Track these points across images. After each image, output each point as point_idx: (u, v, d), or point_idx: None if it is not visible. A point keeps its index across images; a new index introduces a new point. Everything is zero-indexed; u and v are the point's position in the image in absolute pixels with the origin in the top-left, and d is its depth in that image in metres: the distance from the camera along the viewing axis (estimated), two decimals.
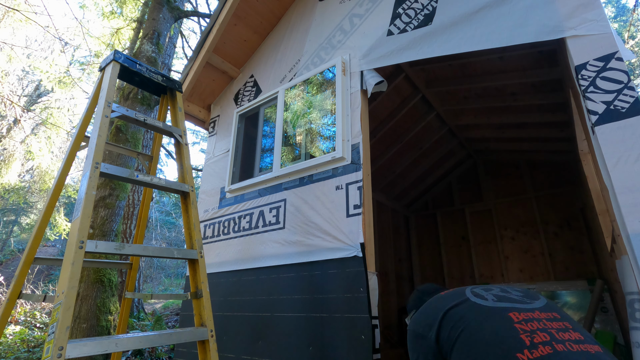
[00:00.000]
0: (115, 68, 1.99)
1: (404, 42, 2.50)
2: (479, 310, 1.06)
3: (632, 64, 12.88)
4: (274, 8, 3.60)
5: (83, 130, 2.00)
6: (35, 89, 13.44)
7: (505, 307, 1.05)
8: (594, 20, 1.78)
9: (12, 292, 1.73)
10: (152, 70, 2.17)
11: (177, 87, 2.29)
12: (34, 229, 1.87)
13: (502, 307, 1.06)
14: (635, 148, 1.52)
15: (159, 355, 4.65)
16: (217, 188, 3.46)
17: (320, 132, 2.96)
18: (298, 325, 2.26)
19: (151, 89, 2.28)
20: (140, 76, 2.13)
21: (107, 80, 1.93)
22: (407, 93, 4.20)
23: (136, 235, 2.32)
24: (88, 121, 2.03)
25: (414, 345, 1.20)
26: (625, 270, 1.61)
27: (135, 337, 1.45)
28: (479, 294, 1.15)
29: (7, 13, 8.05)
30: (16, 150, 9.86)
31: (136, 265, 2.32)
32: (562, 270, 4.79)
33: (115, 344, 1.38)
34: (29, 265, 1.80)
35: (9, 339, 5.21)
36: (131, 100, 5.10)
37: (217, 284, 2.96)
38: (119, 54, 2.05)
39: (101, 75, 2.05)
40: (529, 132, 4.60)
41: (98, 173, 1.65)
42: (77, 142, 1.98)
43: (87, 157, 1.73)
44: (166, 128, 2.08)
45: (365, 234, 2.17)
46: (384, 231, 5.57)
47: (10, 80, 10.45)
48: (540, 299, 1.12)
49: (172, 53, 8.50)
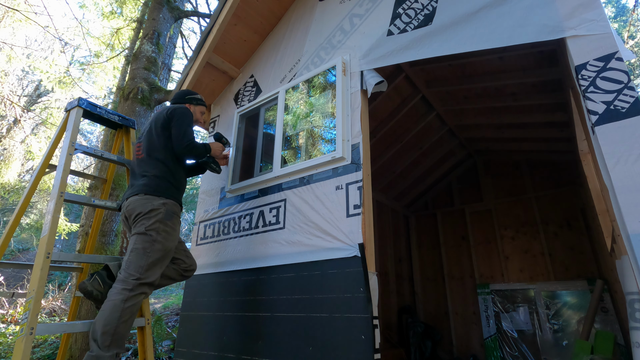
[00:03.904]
0: (79, 112, 2.51)
1: (404, 42, 2.50)
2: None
3: (632, 64, 12.88)
4: (274, 8, 3.60)
5: (48, 159, 2.46)
6: (35, 89, 13.44)
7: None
8: (594, 20, 1.78)
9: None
10: (110, 112, 2.77)
11: (131, 125, 2.90)
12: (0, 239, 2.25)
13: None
14: (635, 148, 1.52)
15: (159, 355, 4.65)
16: (217, 188, 3.46)
17: (320, 133, 2.96)
18: (298, 325, 2.26)
19: (110, 125, 2.86)
20: (100, 116, 2.69)
21: (71, 122, 2.43)
22: (407, 93, 4.20)
23: (87, 246, 2.76)
24: (53, 152, 2.51)
25: None
26: (625, 270, 1.61)
27: (87, 322, 2.03)
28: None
29: (7, 13, 8.04)
30: (16, 150, 9.86)
31: (86, 270, 2.69)
32: (562, 270, 4.79)
33: (72, 326, 2.05)
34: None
35: (9, 339, 5.21)
36: (131, 100, 5.09)
37: (217, 284, 2.96)
38: (82, 100, 2.56)
39: (66, 116, 2.55)
40: (529, 132, 4.60)
41: (62, 200, 2.18)
42: (43, 168, 2.43)
43: (54, 187, 2.22)
44: (120, 160, 2.68)
45: (365, 234, 2.17)
46: (384, 231, 5.57)
47: (10, 80, 10.44)
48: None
49: (172, 53, 8.51)
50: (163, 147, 2.30)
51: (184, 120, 2.37)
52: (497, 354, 4.90)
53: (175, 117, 2.36)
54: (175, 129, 2.33)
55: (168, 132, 2.34)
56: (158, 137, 2.32)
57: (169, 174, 2.27)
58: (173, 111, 2.37)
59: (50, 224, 2.05)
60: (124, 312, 1.87)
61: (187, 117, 2.40)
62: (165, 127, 2.35)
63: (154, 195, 2.16)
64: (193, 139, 2.35)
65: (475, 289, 5.42)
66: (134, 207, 2.13)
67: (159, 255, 2.05)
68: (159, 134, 2.33)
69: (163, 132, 2.34)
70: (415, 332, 5.02)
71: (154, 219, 2.08)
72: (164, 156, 2.28)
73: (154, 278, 2.03)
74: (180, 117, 2.37)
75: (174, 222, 2.19)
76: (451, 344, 5.39)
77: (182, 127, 2.34)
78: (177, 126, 2.34)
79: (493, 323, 5.07)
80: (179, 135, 2.31)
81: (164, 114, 2.38)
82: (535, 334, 4.73)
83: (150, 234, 2.05)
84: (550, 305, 4.73)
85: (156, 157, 2.27)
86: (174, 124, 2.34)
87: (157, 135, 2.33)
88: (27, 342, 1.75)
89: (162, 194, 2.18)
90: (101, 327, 1.81)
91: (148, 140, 2.34)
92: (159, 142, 2.31)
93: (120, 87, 8.00)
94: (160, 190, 2.19)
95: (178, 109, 2.40)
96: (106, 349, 1.79)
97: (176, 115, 2.37)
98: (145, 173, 2.24)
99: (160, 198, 2.16)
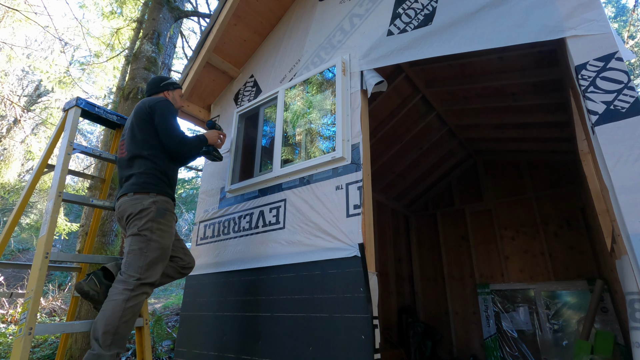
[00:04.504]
0: (77, 111, 2.49)
1: (404, 42, 2.50)
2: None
3: (632, 64, 12.88)
4: (274, 8, 3.60)
5: (47, 159, 2.45)
6: (35, 89, 13.44)
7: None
8: (594, 20, 1.78)
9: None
10: (108, 112, 2.74)
11: None
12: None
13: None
14: (635, 148, 1.51)
15: (159, 356, 4.65)
16: (217, 188, 3.46)
17: (320, 133, 2.96)
18: (298, 325, 2.26)
19: (108, 125, 2.83)
20: (98, 116, 2.67)
21: (69, 122, 2.41)
22: (407, 93, 4.20)
23: (85, 246, 2.72)
24: (51, 151, 2.50)
25: None
26: (625, 270, 1.61)
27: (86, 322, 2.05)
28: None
29: (7, 13, 8.04)
30: (16, 150, 9.86)
31: (85, 270, 2.68)
32: (562, 270, 4.79)
33: (71, 327, 2.04)
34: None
35: (9, 339, 5.21)
36: (131, 100, 5.09)
37: (217, 284, 2.96)
38: (81, 100, 2.54)
39: (64, 116, 2.52)
40: (529, 132, 4.59)
41: (60, 199, 2.17)
42: (41, 168, 2.44)
43: (52, 187, 2.20)
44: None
45: (365, 234, 2.17)
46: (384, 231, 5.57)
47: (10, 80, 10.45)
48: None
49: (172, 53, 8.50)
50: (147, 142, 2.23)
51: (167, 116, 2.28)
52: (497, 354, 4.90)
53: (157, 112, 2.27)
54: (162, 127, 2.24)
55: (151, 126, 2.26)
56: (141, 132, 2.25)
57: (156, 170, 2.20)
58: (154, 106, 2.29)
59: (49, 224, 2.05)
60: (126, 311, 1.87)
61: (170, 110, 2.32)
62: (147, 121, 2.26)
63: (143, 194, 2.11)
64: (183, 134, 2.27)
65: (475, 289, 5.42)
66: (124, 208, 2.10)
67: (157, 254, 2.04)
68: (142, 129, 2.25)
69: (146, 127, 2.25)
70: (415, 332, 5.02)
71: (145, 219, 2.05)
72: (148, 152, 2.21)
73: (155, 278, 2.02)
74: (163, 112, 2.28)
75: (167, 219, 2.14)
76: (451, 344, 5.39)
77: (168, 123, 2.26)
78: (163, 124, 2.25)
79: (493, 323, 5.07)
80: (168, 133, 2.23)
81: (145, 108, 2.29)
82: (535, 334, 4.73)
83: (145, 234, 2.02)
84: (550, 305, 4.73)
85: (141, 154, 2.20)
86: (158, 121, 2.25)
87: (140, 131, 2.25)
88: (26, 342, 1.75)
89: (151, 190, 2.13)
90: (102, 327, 1.81)
91: (131, 138, 2.28)
92: (141, 138, 2.23)
93: (120, 87, 8.00)
94: (149, 187, 2.13)
95: (158, 103, 2.31)
96: (107, 348, 1.79)
97: (158, 110, 2.27)
98: (132, 171, 2.18)
99: (150, 196, 2.11)
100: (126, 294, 1.90)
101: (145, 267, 1.98)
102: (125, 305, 1.87)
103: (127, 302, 1.88)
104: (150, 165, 2.20)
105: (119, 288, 1.92)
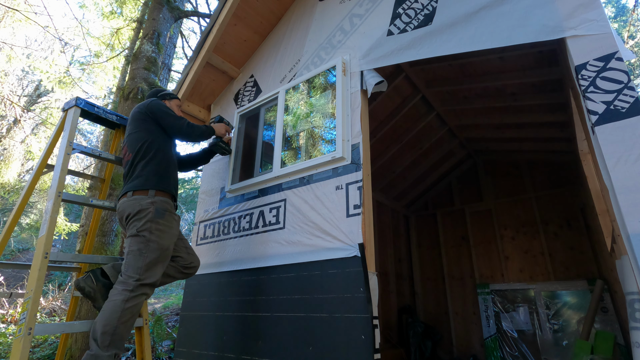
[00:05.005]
0: (77, 111, 2.49)
1: (404, 42, 2.50)
2: None
3: (632, 64, 12.88)
4: (274, 8, 3.60)
5: (46, 159, 2.45)
6: (35, 89, 13.43)
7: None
8: (594, 20, 1.78)
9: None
10: (108, 112, 2.73)
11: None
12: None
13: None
14: (635, 148, 1.51)
15: (159, 356, 4.65)
16: (217, 188, 3.46)
17: (320, 133, 2.96)
18: (298, 325, 2.26)
19: (108, 125, 2.83)
20: (97, 116, 2.66)
21: (69, 122, 2.41)
22: (407, 93, 4.20)
23: (85, 247, 2.72)
24: (51, 151, 2.49)
25: None
26: (625, 270, 1.61)
27: (85, 322, 2.08)
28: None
29: (7, 13, 8.04)
30: (16, 150, 9.86)
31: (84, 270, 2.67)
32: (562, 270, 4.79)
33: (71, 327, 2.06)
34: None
35: (9, 339, 5.21)
36: (131, 100, 5.09)
37: (217, 284, 2.96)
38: (80, 99, 2.54)
39: (64, 116, 2.52)
40: (529, 132, 4.59)
41: (60, 199, 2.17)
42: (41, 168, 2.44)
43: (52, 187, 2.20)
44: (118, 160, 2.62)
45: (365, 234, 2.17)
46: (383, 231, 5.57)
47: (10, 80, 10.45)
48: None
49: (172, 53, 8.50)
50: (146, 143, 2.28)
51: (167, 110, 2.41)
52: (497, 354, 4.90)
53: (155, 110, 2.37)
54: (165, 120, 2.36)
55: (150, 126, 2.33)
56: (140, 132, 2.31)
57: (156, 170, 2.22)
58: (149, 105, 2.39)
59: (48, 224, 2.05)
60: (124, 312, 1.87)
61: (167, 107, 2.44)
62: (145, 121, 2.34)
63: (142, 194, 2.12)
64: (187, 120, 2.39)
65: (475, 289, 5.42)
66: (123, 209, 2.12)
67: (156, 254, 2.03)
68: (141, 129, 2.32)
69: (145, 128, 2.32)
70: (415, 332, 5.02)
71: (144, 220, 2.05)
72: (148, 152, 2.26)
73: (155, 278, 2.02)
74: (160, 107, 2.40)
75: (167, 219, 2.14)
76: (451, 344, 5.39)
77: (170, 115, 2.38)
78: (165, 117, 2.37)
79: (493, 323, 5.07)
80: (173, 122, 2.35)
81: (142, 110, 2.38)
82: (535, 334, 4.73)
83: (143, 234, 2.02)
84: (550, 305, 4.73)
85: (142, 155, 2.25)
86: (160, 117, 2.36)
87: (139, 131, 2.31)
88: (25, 342, 1.75)
89: (150, 189, 2.15)
90: (101, 327, 1.81)
91: (131, 140, 2.33)
92: (140, 139, 2.29)
93: (120, 87, 8.00)
94: (148, 186, 2.15)
95: (154, 102, 2.42)
96: (105, 349, 1.79)
97: (155, 107, 2.38)
98: (134, 172, 2.22)
99: (149, 196, 2.12)
100: (125, 294, 1.90)
101: (145, 268, 1.98)
102: (124, 305, 1.87)
103: (126, 303, 1.88)
104: (150, 165, 2.23)
105: (119, 289, 1.93)
